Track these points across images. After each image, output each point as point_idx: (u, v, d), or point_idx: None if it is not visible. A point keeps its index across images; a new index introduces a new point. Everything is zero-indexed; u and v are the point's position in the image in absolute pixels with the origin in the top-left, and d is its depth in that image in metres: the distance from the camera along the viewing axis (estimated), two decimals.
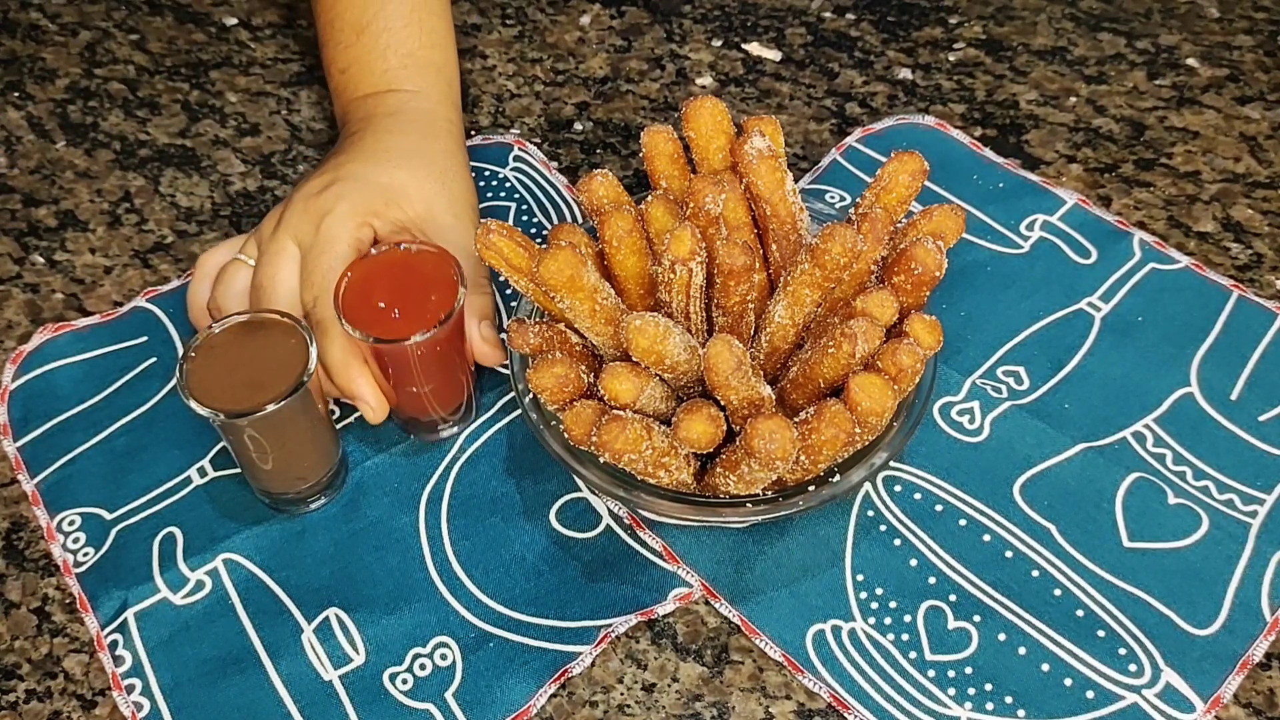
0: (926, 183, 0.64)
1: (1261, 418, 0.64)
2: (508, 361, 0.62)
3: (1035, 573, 0.59)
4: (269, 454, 0.58)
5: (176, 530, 0.62)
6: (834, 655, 0.57)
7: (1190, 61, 0.83)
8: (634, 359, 0.53)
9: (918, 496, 0.62)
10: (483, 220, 0.57)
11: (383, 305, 0.59)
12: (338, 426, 0.65)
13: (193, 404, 0.55)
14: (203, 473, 0.64)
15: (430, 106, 0.71)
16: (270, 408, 0.55)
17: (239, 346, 0.58)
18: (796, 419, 0.53)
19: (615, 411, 0.53)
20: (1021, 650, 0.56)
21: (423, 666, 0.57)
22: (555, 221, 0.74)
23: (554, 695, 0.56)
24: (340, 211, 0.62)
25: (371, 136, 0.68)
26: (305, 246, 0.62)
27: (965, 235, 0.71)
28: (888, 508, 0.61)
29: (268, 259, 0.62)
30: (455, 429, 0.65)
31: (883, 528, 0.61)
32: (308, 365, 0.56)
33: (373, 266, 0.60)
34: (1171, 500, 0.61)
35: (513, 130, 0.81)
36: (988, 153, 0.77)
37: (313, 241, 0.62)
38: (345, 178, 0.64)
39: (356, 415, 0.66)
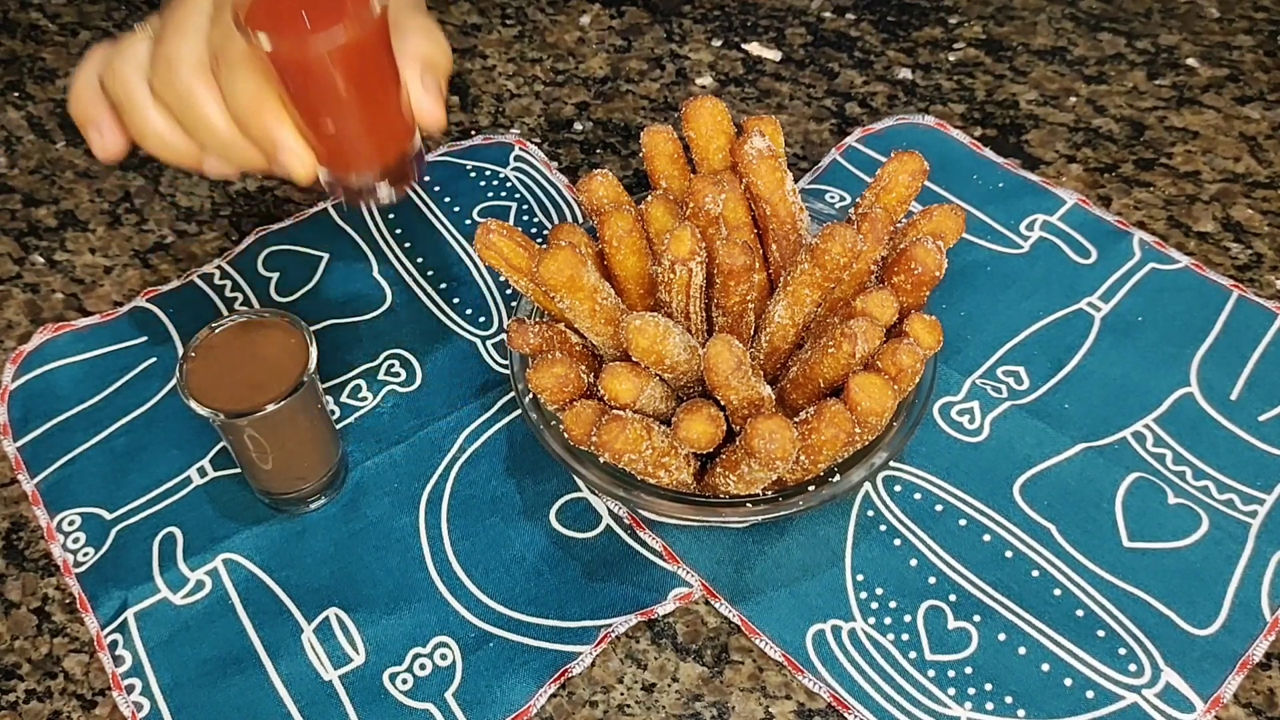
0: (926, 183, 0.64)
1: (1261, 418, 0.64)
2: (446, 126, 0.52)
3: (1035, 573, 0.59)
4: (269, 454, 0.58)
5: (176, 530, 0.62)
6: (834, 655, 0.57)
7: (1190, 61, 0.83)
8: (634, 359, 0.53)
9: (918, 496, 0.62)
10: (482, 220, 0.56)
11: (286, 7, 0.50)
12: (337, 426, 0.65)
13: (193, 404, 0.55)
14: (203, 473, 0.64)
15: None
16: (270, 408, 0.55)
17: (238, 346, 0.58)
18: (796, 419, 0.53)
19: (615, 411, 0.53)
20: (1021, 650, 0.56)
21: (423, 666, 0.57)
22: (555, 221, 0.74)
23: (554, 695, 0.56)
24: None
25: None
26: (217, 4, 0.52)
27: (965, 235, 0.71)
28: (888, 508, 0.61)
29: (174, 12, 0.53)
30: (394, 194, 0.56)
31: (883, 528, 0.61)
32: (308, 365, 0.56)
33: None
34: (1171, 500, 0.61)
35: (513, 130, 0.81)
36: (988, 153, 0.77)
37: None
38: None
39: (357, 415, 0.66)
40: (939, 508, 0.61)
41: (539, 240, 0.71)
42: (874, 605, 0.58)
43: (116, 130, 0.55)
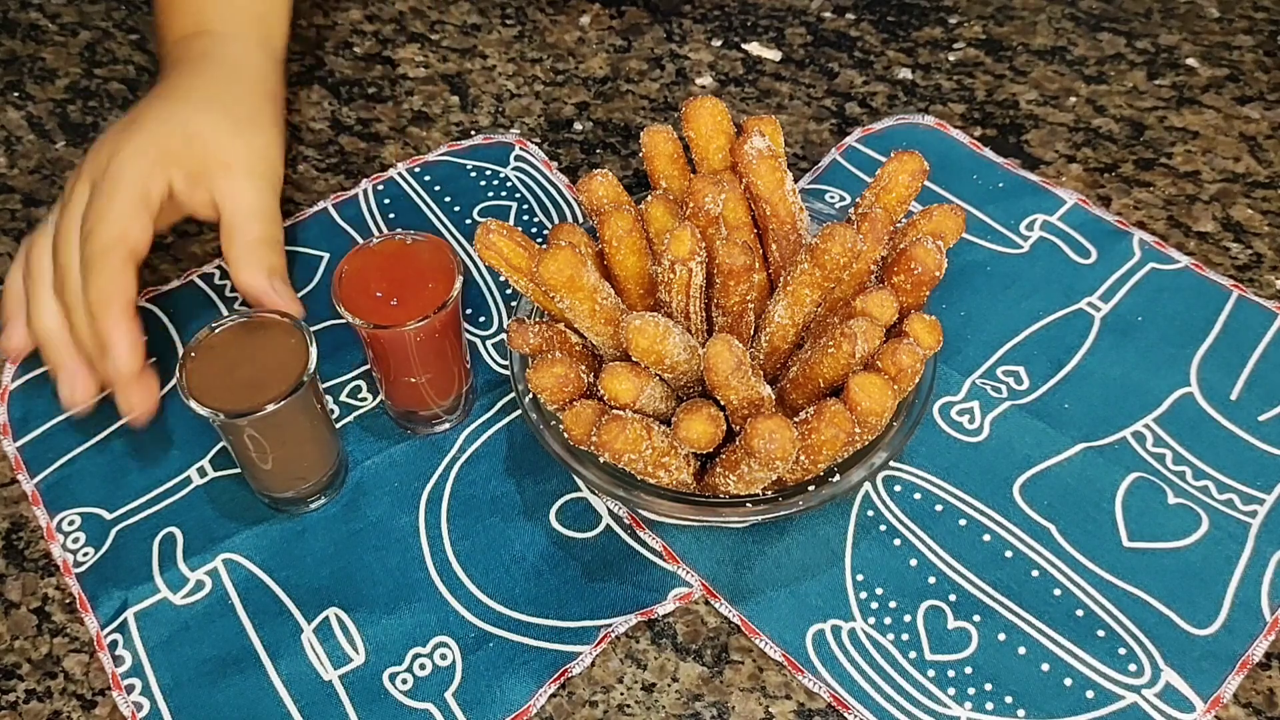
0: (926, 183, 0.64)
1: (1261, 418, 0.64)
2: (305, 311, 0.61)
3: (1035, 573, 0.59)
4: (269, 454, 0.58)
5: (176, 530, 0.62)
6: (834, 655, 0.57)
7: (1190, 61, 0.83)
8: (634, 359, 0.53)
9: (917, 496, 0.62)
10: (482, 220, 0.57)
11: (380, 294, 0.59)
12: (337, 426, 0.65)
13: (193, 404, 0.55)
14: (202, 473, 0.64)
15: (241, 51, 0.69)
16: (270, 408, 0.55)
17: (238, 346, 0.58)
18: (796, 419, 0.53)
19: (615, 411, 0.53)
20: (1021, 650, 0.56)
21: (422, 666, 0.57)
22: (555, 221, 0.74)
23: (554, 695, 0.56)
24: (131, 149, 0.60)
25: (175, 78, 0.66)
26: (95, 184, 0.60)
27: (965, 235, 0.71)
28: (887, 508, 0.61)
29: (66, 207, 0.61)
30: (450, 423, 0.65)
31: (882, 528, 0.61)
32: (308, 365, 0.56)
33: (370, 257, 0.60)
34: (1171, 500, 0.61)
35: (513, 130, 0.81)
36: (988, 153, 0.77)
37: (101, 178, 0.60)
38: (141, 117, 0.62)
39: (356, 415, 0.66)
40: (939, 508, 0.61)
41: (539, 240, 0.71)
42: (874, 605, 0.58)
43: (20, 334, 0.63)
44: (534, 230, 0.74)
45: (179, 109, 0.63)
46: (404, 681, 0.57)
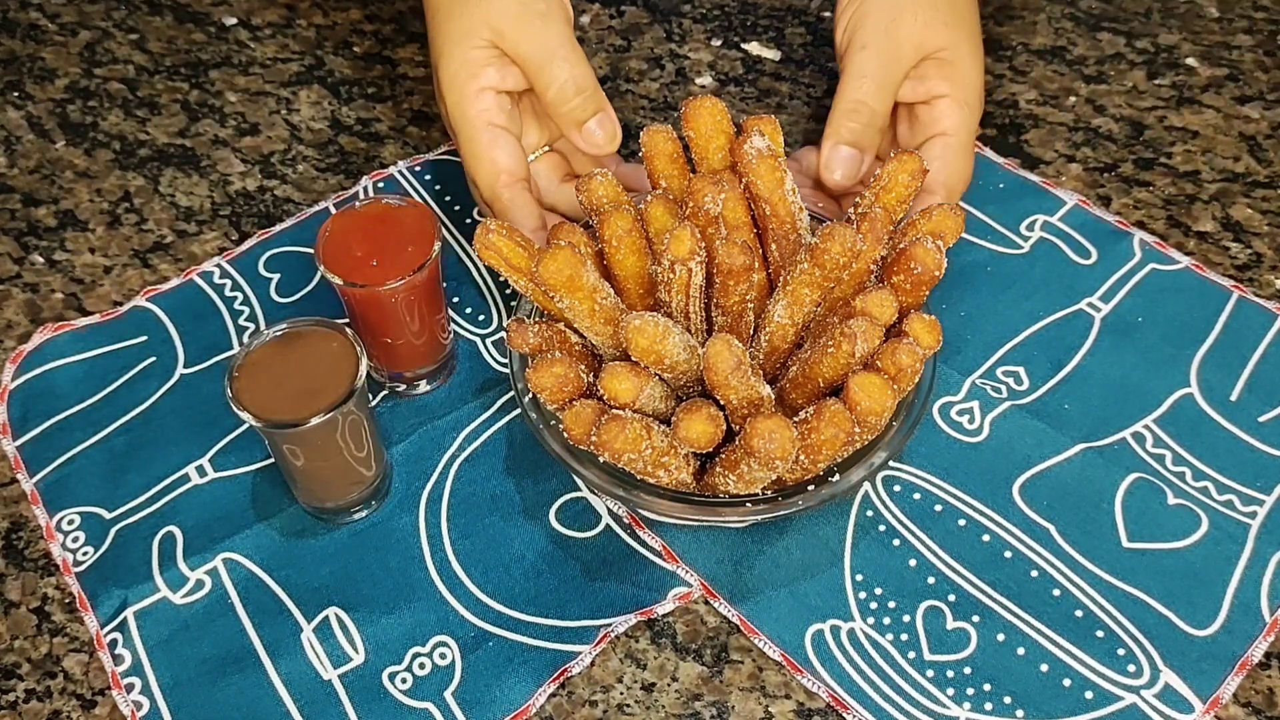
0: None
1: (1261, 418, 0.64)
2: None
3: (1034, 573, 0.59)
4: (321, 463, 0.58)
5: (176, 529, 0.62)
6: (833, 655, 0.57)
7: (1190, 61, 0.83)
8: (634, 359, 0.53)
9: (917, 496, 0.62)
10: (482, 220, 0.57)
11: (361, 255, 0.60)
12: None
13: (245, 416, 0.55)
14: (202, 472, 0.64)
15: None
16: (315, 420, 0.54)
17: (282, 359, 0.57)
18: (796, 419, 0.53)
19: (615, 411, 0.53)
20: (1020, 650, 0.56)
21: (422, 666, 0.57)
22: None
23: (553, 695, 0.56)
24: (454, 95, 0.65)
25: None
26: (455, 133, 0.66)
27: (965, 235, 0.71)
28: (887, 508, 0.61)
29: (467, 152, 0.66)
30: (431, 386, 0.67)
31: (882, 528, 0.61)
32: (358, 371, 0.56)
33: (355, 218, 0.62)
34: (1171, 501, 0.61)
35: None
36: (988, 153, 0.77)
37: (457, 132, 0.66)
38: (440, 42, 0.66)
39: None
40: (938, 508, 0.61)
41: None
42: (873, 605, 0.58)
43: None
44: None
45: (474, 11, 0.66)
46: (403, 681, 0.57)
